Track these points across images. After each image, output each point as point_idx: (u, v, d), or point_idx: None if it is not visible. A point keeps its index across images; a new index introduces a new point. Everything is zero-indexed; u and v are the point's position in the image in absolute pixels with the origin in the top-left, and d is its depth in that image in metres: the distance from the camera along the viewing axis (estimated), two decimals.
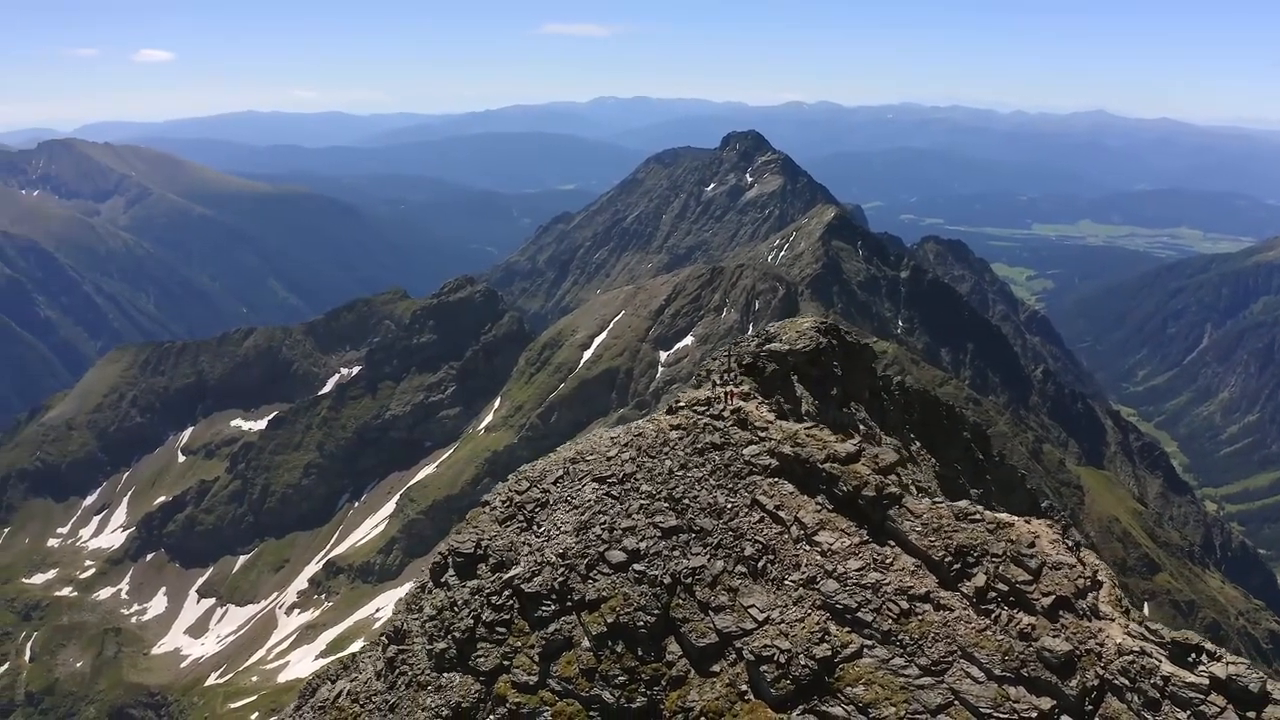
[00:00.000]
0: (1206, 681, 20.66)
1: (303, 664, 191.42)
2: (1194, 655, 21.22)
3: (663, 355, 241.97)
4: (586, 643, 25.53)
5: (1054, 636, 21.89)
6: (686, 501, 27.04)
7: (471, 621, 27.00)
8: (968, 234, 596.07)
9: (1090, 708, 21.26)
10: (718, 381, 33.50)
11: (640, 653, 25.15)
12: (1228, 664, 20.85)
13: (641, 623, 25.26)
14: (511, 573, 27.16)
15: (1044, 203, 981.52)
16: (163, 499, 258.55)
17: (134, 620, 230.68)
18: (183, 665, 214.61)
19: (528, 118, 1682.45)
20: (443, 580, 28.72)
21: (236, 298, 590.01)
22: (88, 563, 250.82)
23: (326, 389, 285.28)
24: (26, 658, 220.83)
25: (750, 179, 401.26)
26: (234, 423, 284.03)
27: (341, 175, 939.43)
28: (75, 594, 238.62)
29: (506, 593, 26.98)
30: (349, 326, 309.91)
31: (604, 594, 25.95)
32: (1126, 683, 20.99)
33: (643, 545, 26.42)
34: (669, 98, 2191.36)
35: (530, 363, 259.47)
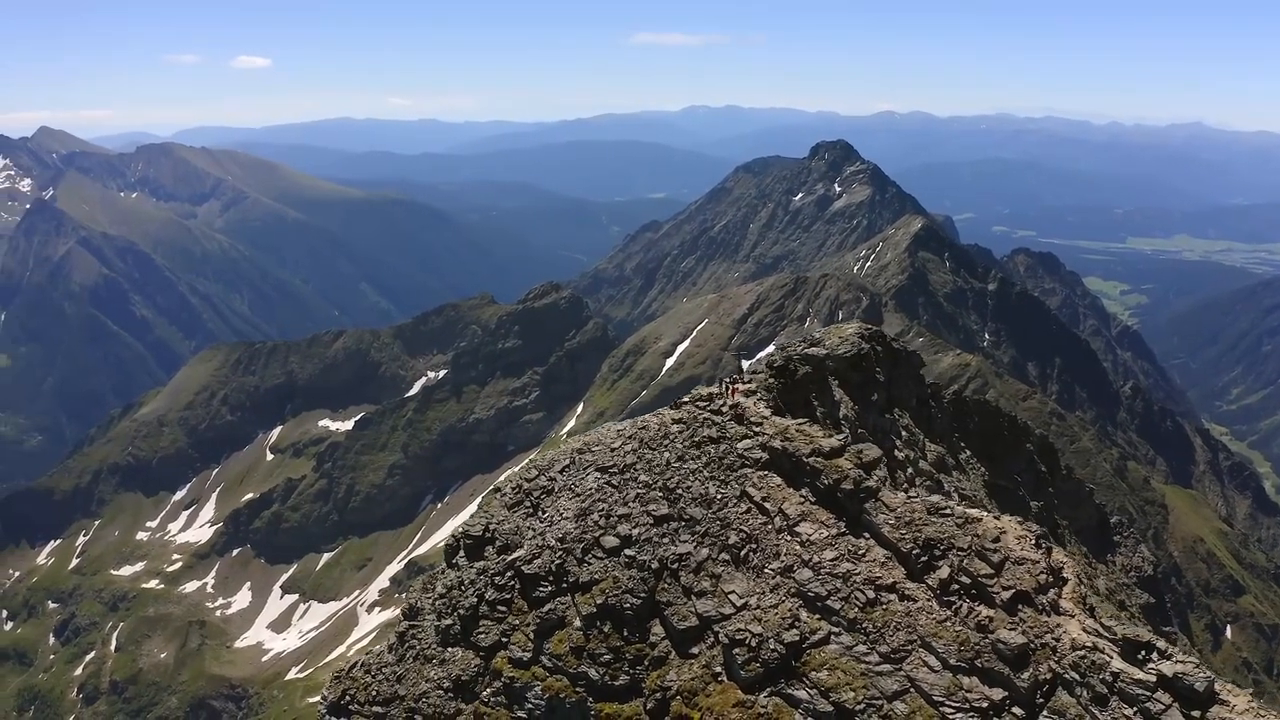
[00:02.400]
0: (1154, 679, 21.01)
1: None
2: (1144, 653, 21.58)
3: (745, 364, 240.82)
4: (578, 622, 26.74)
5: (1010, 629, 22.44)
6: (680, 491, 28.11)
7: (475, 600, 28.41)
8: (1061, 247, 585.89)
9: (1041, 700, 21.74)
10: (726, 380, 34.46)
11: (626, 633, 26.28)
12: (1176, 662, 21.17)
13: (628, 605, 26.39)
14: (514, 555, 28.52)
15: (1139, 216, 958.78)
16: (250, 496, 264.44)
17: (218, 614, 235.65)
18: (264, 659, 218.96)
19: (619, 126, 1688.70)
20: (454, 561, 30.29)
21: (329, 301, 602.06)
22: (175, 556, 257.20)
23: (413, 391, 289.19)
24: (112, 647, 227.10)
25: (838, 189, 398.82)
26: (322, 422, 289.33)
27: (434, 182, 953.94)
28: (162, 586, 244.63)
29: (509, 573, 28.34)
30: (436, 330, 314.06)
31: (596, 577, 27.14)
32: (1077, 677, 21.45)
33: (635, 532, 27.56)
34: (760, 107, 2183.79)
35: (613, 369, 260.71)
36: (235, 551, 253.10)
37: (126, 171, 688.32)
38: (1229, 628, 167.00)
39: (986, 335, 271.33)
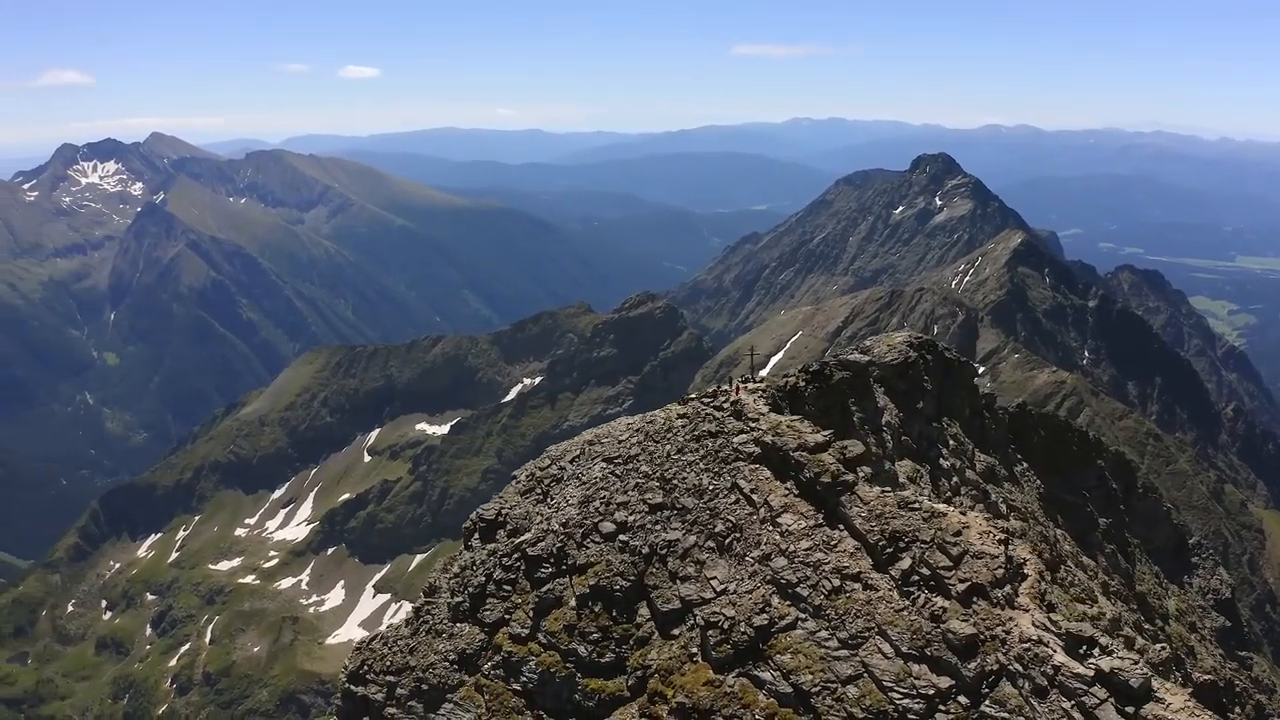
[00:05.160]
0: (1092, 673, 21.65)
1: None
2: (1086, 647, 22.25)
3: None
4: (572, 602, 28.38)
5: (962, 621, 23.27)
6: (675, 482, 29.49)
7: (484, 579, 30.16)
8: (1168, 264, 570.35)
9: (986, 690, 22.53)
10: (738, 380, 35.73)
11: (614, 614, 27.78)
12: (1115, 658, 21.79)
13: (618, 587, 27.91)
14: (521, 538, 30.26)
15: (1250, 234, 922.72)
16: (347, 496, 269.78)
17: (311, 610, 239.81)
18: None
19: (722, 138, 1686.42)
20: (470, 543, 32.13)
21: (431, 307, 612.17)
22: (271, 553, 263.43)
23: (509, 397, 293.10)
24: (207, 640, 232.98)
25: (939, 202, 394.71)
26: (418, 426, 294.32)
27: (538, 191, 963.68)
28: (258, 582, 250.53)
29: (515, 555, 30.05)
30: (533, 338, 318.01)
31: (591, 560, 28.72)
32: (1020, 669, 22.21)
33: (631, 519, 29.06)
34: (865, 119, 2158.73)
35: (706, 380, 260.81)
36: (330, 550, 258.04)
37: (235, 177, 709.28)
38: None
39: (1086, 353, 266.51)
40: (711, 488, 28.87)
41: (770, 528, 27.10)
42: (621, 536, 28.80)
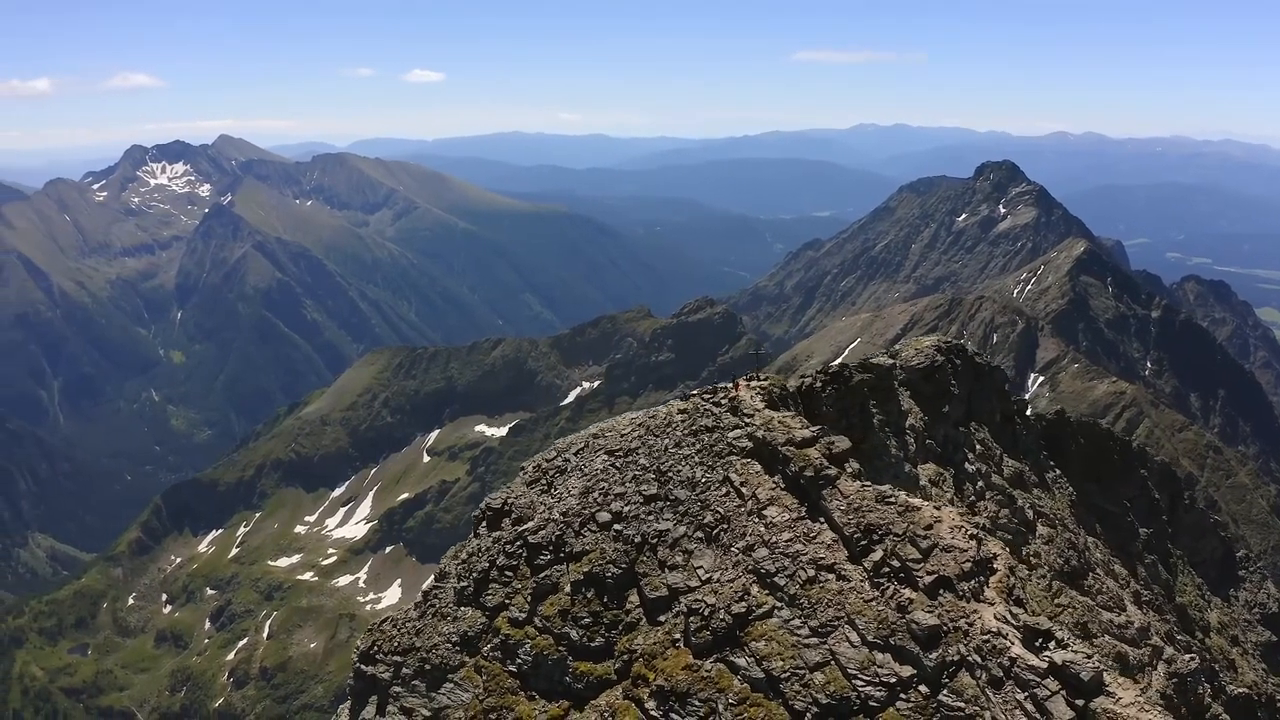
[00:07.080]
0: (1045, 666, 22.30)
1: None
2: (1042, 640, 22.95)
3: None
4: (567, 588, 29.50)
5: (927, 612, 24.00)
6: (670, 474, 30.45)
7: (488, 565, 31.36)
8: (1236, 275, 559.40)
9: (945, 681, 23.21)
10: (740, 376, 36.62)
11: (605, 600, 28.86)
12: (1069, 651, 22.43)
13: (610, 574, 28.97)
14: (524, 527, 31.45)
15: None
16: (405, 496, 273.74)
17: (368, 608, 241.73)
18: None
19: (785, 143, 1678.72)
20: (477, 531, 33.48)
21: (493, 309, 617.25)
22: (330, 551, 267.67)
23: (567, 400, 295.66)
24: (265, 635, 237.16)
25: (1003, 210, 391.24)
26: (477, 427, 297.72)
27: (600, 196, 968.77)
28: (316, 579, 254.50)
29: (518, 543, 31.21)
30: (593, 341, 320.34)
31: (587, 548, 29.80)
32: (978, 660, 22.89)
33: (626, 509, 30.12)
34: (930, 126, 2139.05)
35: None
36: (388, 549, 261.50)
37: (302, 180, 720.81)
38: None
39: (1148, 364, 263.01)
40: (704, 480, 29.83)
41: (756, 519, 28.00)
42: (616, 526, 29.89)
